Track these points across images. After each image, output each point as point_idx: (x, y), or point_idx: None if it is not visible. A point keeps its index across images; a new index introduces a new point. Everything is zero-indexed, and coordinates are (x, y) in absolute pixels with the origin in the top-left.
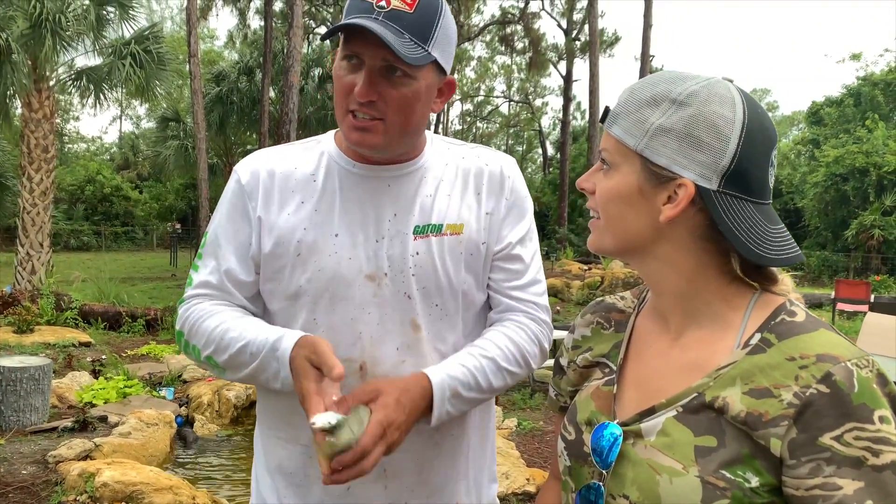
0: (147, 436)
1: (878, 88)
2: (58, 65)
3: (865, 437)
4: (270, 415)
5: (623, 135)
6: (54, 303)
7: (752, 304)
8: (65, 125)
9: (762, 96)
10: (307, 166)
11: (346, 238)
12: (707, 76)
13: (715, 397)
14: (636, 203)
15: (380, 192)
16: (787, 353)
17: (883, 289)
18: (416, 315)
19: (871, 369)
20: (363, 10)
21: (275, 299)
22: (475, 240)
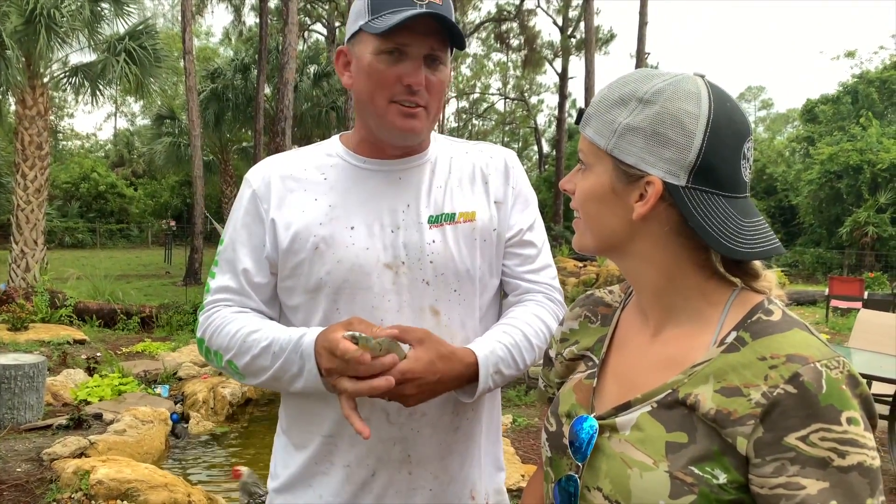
0: (142, 433)
1: (873, 86)
2: (52, 61)
3: (831, 438)
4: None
5: (594, 136)
6: (49, 300)
7: (730, 301)
8: (59, 122)
9: (757, 93)
10: (316, 167)
11: (362, 230)
12: (676, 73)
13: (688, 394)
14: (610, 202)
15: (392, 184)
16: (758, 353)
17: (877, 286)
18: (435, 301)
19: (842, 370)
20: (402, 3)
21: (295, 295)
22: (487, 226)
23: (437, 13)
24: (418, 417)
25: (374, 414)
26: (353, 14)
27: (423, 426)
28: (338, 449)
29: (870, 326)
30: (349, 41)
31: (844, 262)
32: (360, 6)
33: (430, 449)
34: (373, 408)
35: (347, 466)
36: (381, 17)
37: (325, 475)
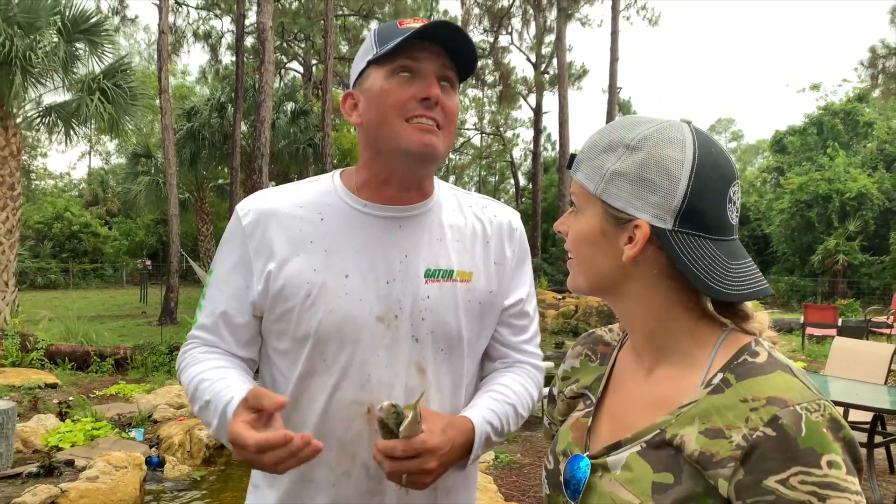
0: (116, 479)
1: (837, 118)
2: (26, 101)
3: (811, 482)
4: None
5: (584, 180)
6: (20, 343)
7: (719, 343)
8: (32, 162)
9: (727, 125)
10: (313, 206)
11: (357, 279)
12: (664, 119)
13: (674, 435)
14: (601, 244)
15: (391, 232)
16: (741, 395)
17: (850, 312)
18: (423, 359)
19: (823, 413)
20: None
21: (283, 340)
22: (484, 288)
23: (446, 21)
24: None
25: (355, 469)
26: (361, 54)
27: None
28: (319, 494)
29: (845, 354)
30: (356, 82)
31: (818, 290)
32: (367, 44)
33: (409, 501)
34: (353, 462)
35: None
36: (389, 44)
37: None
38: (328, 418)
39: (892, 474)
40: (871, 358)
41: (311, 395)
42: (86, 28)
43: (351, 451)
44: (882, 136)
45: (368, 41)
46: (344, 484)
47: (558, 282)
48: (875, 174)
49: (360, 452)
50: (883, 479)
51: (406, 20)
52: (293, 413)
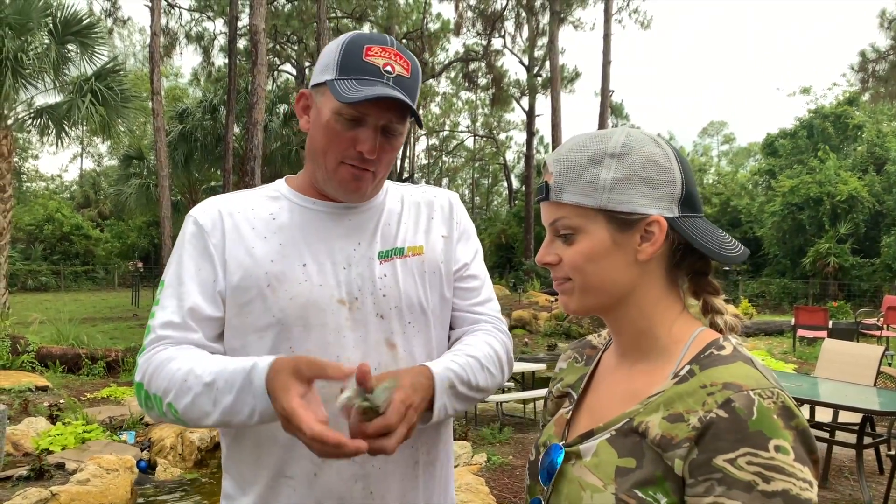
0: (107, 482)
1: (828, 121)
2: (17, 103)
3: (758, 463)
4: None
5: (579, 199)
6: (10, 346)
7: (692, 339)
8: (23, 163)
9: (720, 128)
10: (264, 208)
11: (314, 267)
12: (611, 129)
13: (641, 422)
14: (613, 254)
15: (341, 225)
16: (702, 382)
17: (840, 314)
18: (392, 334)
19: (775, 401)
20: (370, 72)
21: (244, 334)
22: (435, 259)
23: (399, 98)
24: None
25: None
26: (322, 63)
27: (385, 462)
28: (300, 490)
29: (834, 356)
30: (313, 87)
31: (809, 292)
32: (329, 59)
33: (392, 485)
34: None
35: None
36: (346, 82)
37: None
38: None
39: (882, 475)
40: (861, 360)
41: None
42: (77, 30)
43: None
44: (872, 140)
45: (333, 56)
46: (326, 472)
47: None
48: (865, 177)
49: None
50: (872, 479)
51: (373, 48)
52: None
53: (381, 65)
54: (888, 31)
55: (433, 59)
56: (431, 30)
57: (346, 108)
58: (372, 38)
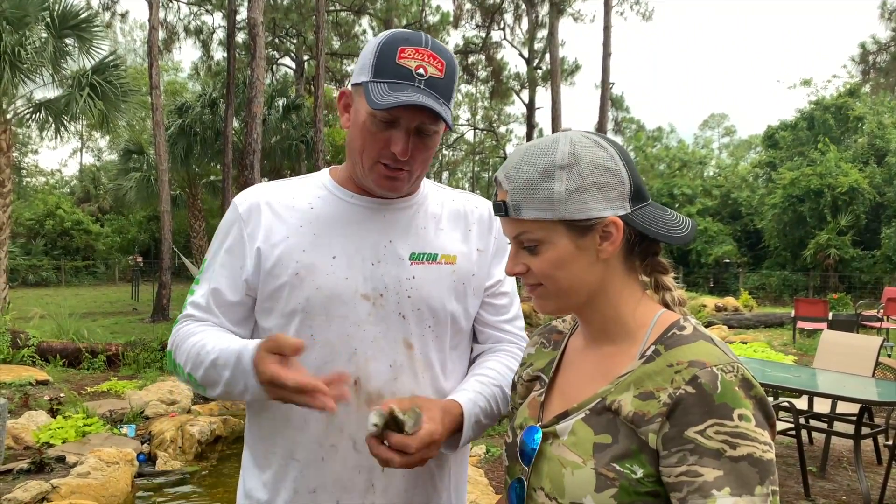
0: (107, 475)
1: (828, 112)
2: (15, 97)
3: (724, 432)
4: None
5: (538, 213)
6: (10, 340)
7: (654, 321)
8: (23, 158)
9: (720, 121)
10: (304, 197)
11: (343, 260)
12: (554, 136)
13: (613, 401)
14: (577, 258)
15: (376, 220)
16: (668, 361)
17: (840, 306)
18: (410, 335)
19: (736, 374)
20: (402, 76)
21: (272, 317)
22: (467, 271)
23: (427, 106)
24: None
25: (342, 441)
26: (361, 63)
27: None
28: (304, 474)
29: (833, 347)
30: (353, 86)
31: (810, 284)
32: (366, 60)
33: (395, 480)
34: (340, 434)
35: (313, 492)
36: (378, 86)
37: (293, 499)
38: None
39: (879, 465)
40: (859, 351)
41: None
42: (75, 24)
43: (338, 424)
44: (873, 131)
45: (370, 57)
46: (332, 458)
47: None
48: (866, 169)
49: (348, 424)
50: (870, 470)
51: (406, 49)
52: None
53: (414, 67)
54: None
55: None
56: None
57: (380, 112)
58: (408, 38)
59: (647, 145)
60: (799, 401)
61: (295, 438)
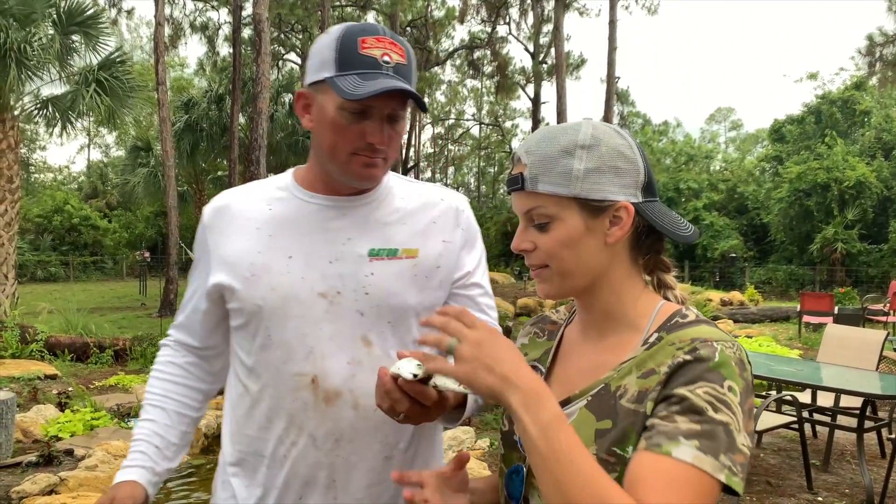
0: (114, 468)
1: (835, 106)
2: (23, 94)
3: (712, 395)
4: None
5: (554, 188)
6: (19, 335)
7: (656, 311)
8: (31, 155)
9: (727, 115)
10: (264, 200)
11: (299, 259)
12: (577, 121)
13: (618, 386)
14: (586, 239)
15: (335, 218)
16: (670, 341)
17: (847, 301)
18: (368, 331)
19: (735, 351)
20: (369, 65)
21: (238, 317)
22: (431, 263)
23: (405, 89)
24: (345, 444)
25: (302, 439)
26: (317, 61)
27: (349, 454)
28: (272, 469)
29: (837, 341)
30: (311, 86)
31: (816, 279)
32: (326, 56)
33: (356, 476)
34: (300, 432)
35: (278, 489)
36: (347, 78)
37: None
38: (277, 390)
39: (883, 459)
40: (863, 345)
41: (263, 367)
42: (81, 20)
43: (298, 422)
44: (880, 125)
45: (329, 52)
46: (293, 456)
47: None
48: (874, 162)
49: (307, 422)
50: (874, 463)
51: (367, 39)
52: (255, 385)
53: (379, 56)
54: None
55: (437, 46)
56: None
57: (351, 102)
58: (364, 28)
59: (653, 139)
60: (803, 394)
61: (261, 436)
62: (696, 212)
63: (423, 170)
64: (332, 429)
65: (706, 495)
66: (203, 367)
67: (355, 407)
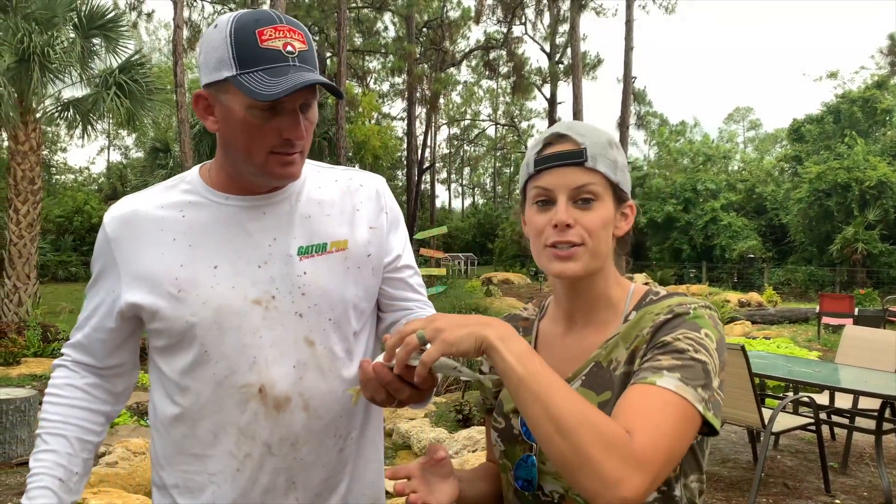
0: (134, 465)
1: (856, 105)
2: (45, 97)
3: (692, 338)
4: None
5: (607, 171)
6: (41, 334)
7: (630, 294)
8: (52, 156)
9: (745, 114)
10: (173, 205)
11: (226, 268)
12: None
13: (609, 360)
14: (610, 226)
15: (256, 219)
16: (650, 311)
17: (868, 302)
18: (310, 332)
19: (709, 310)
20: (273, 59)
21: (161, 338)
22: (362, 252)
23: (319, 81)
24: (301, 446)
25: (256, 449)
26: (213, 58)
27: (306, 454)
28: (223, 486)
29: (856, 342)
30: (211, 86)
31: (836, 280)
32: (221, 54)
33: (315, 473)
34: (253, 443)
35: (234, 502)
36: (253, 76)
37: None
38: (222, 407)
39: None
40: (882, 346)
41: (200, 386)
42: (101, 24)
43: (250, 433)
44: None
45: (224, 49)
46: (248, 467)
47: None
48: (895, 162)
49: (260, 432)
50: (893, 466)
51: (265, 30)
52: (192, 404)
53: (281, 46)
54: None
55: (454, 47)
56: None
57: (259, 101)
58: (259, 18)
59: (671, 139)
60: (821, 396)
61: (206, 454)
62: (714, 212)
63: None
64: (286, 434)
65: (687, 420)
66: (105, 387)
67: (306, 409)
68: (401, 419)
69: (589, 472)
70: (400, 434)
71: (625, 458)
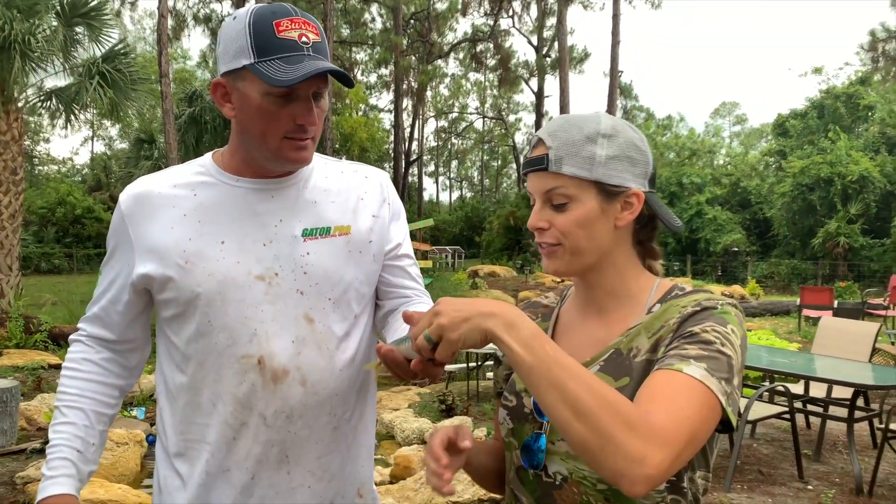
0: (117, 455)
1: (839, 101)
2: (27, 86)
3: (720, 332)
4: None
5: (576, 171)
6: (23, 326)
7: (655, 287)
8: (35, 147)
9: (731, 109)
10: (186, 184)
11: (232, 244)
12: (595, 112)
13: (629, 348)
14: (599, 220)
15: (264, 201)
16: (675, 304)
17: (847, 294)
18: (310, 310)
19: (736, 307)
20: (289, 48)
21: (169, 307)
22: (363, 238)
23: (333, 69)
24: (295, 420)
25: (252, 419)
26: (233, 49)
27: (300, 428)
28: (217, 455)
29: (831, 333)
30: (229, 74)
31: (818, 273)
32: (241, 44)
33: (308, 448)
34: (250, 413)
35: (227, 471)
36: (270, 64)
37: (206, 482)
38: (221, 376)
39: (875, 449)
40: (857, 337)
41: (202, 356)
42: (84, 12)
43: (247, 403)
44: (884, 120)
45: (243, 39)
46: (243, 436)
47: None
48: (877, 157)
49: (256, 403)
50: (866, 453)
51: (282, 22)
52: (192, 374)
53: (297, 37)
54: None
55: (441, 39)
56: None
57: (278, 87)
58: (275, 11)
59: (657, 134)
60: (796, 386)
61: (205, 422)
62: (698, 206)
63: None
64: (281, 406)
65: (711, 410)
66: (119, 362)
67: (303, 383)
68: (384, 409)
69: (611, 453)
70: (383, 424)
71: (646, 435)
